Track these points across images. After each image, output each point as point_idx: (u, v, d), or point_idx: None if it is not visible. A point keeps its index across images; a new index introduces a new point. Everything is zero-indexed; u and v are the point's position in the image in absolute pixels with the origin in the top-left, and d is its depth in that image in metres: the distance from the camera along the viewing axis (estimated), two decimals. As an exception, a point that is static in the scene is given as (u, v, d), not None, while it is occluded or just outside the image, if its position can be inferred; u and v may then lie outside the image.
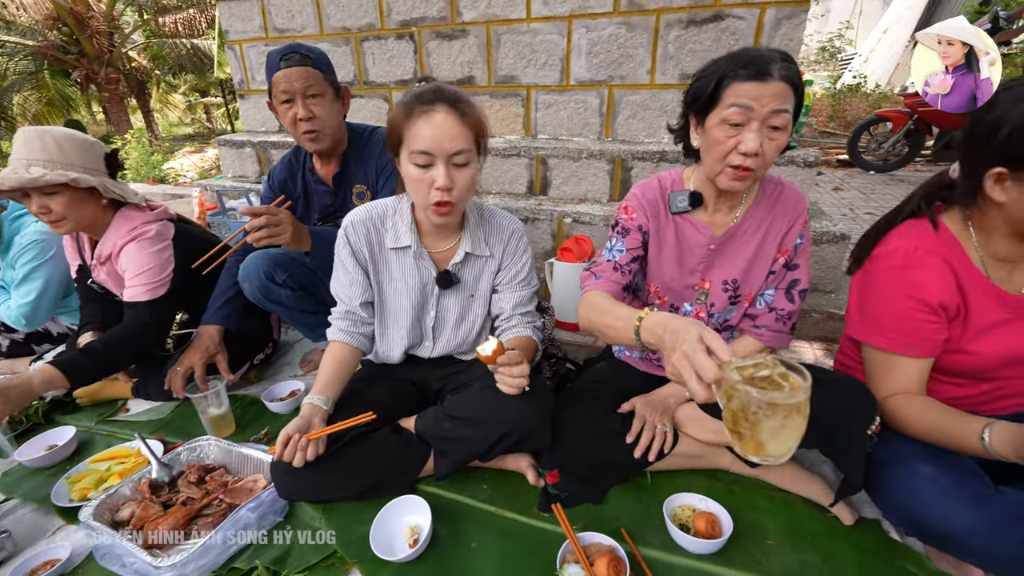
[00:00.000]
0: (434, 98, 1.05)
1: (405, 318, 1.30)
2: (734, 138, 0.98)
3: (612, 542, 1.02)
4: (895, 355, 0.99)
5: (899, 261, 0.99)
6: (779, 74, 0.92)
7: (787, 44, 1.88)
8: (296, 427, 1.12)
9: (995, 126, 0.85)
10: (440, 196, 1.06)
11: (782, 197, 1.16)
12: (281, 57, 1.42)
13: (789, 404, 0.61)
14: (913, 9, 9.47)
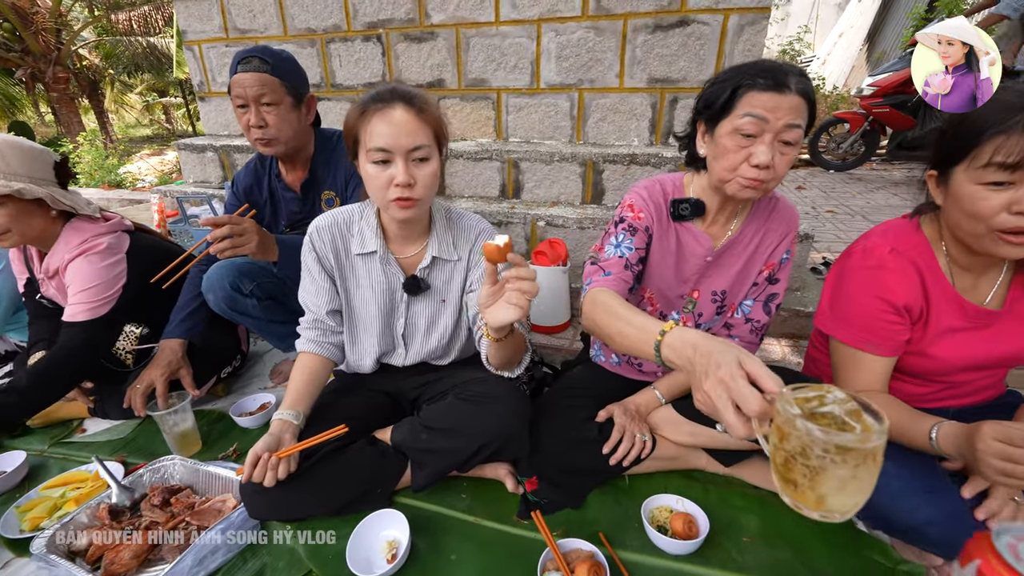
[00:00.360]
0: (390, 96, 1.03)
1: (375, 326, 1.27)
2: (746, 149, 0.95)
3: (591, 547, 1.02)
4: (860, 352, 1.02)
5: (873, 262, 1.01)
6: (796, 87, 0.91)
7: (750, 49, 1.94)
8: (265, 445, 1.08)
9: (936, 129, 0.89)
10: (400, 192, 1.03)
11: (776, 211, 1.16)
12: (239, 60, 1.38)
13: (864, 449, 0.50)
14: (865, 15, 9.91)
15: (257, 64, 1.36)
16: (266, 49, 1.40)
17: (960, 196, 0.89)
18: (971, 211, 0.88)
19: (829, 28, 11.30)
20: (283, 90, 1.39)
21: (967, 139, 0.86)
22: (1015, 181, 0.82)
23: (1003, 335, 1.00)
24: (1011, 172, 0.82)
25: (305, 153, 1.56)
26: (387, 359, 1.36)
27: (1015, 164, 0.80)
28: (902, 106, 4.43)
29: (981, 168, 0.84)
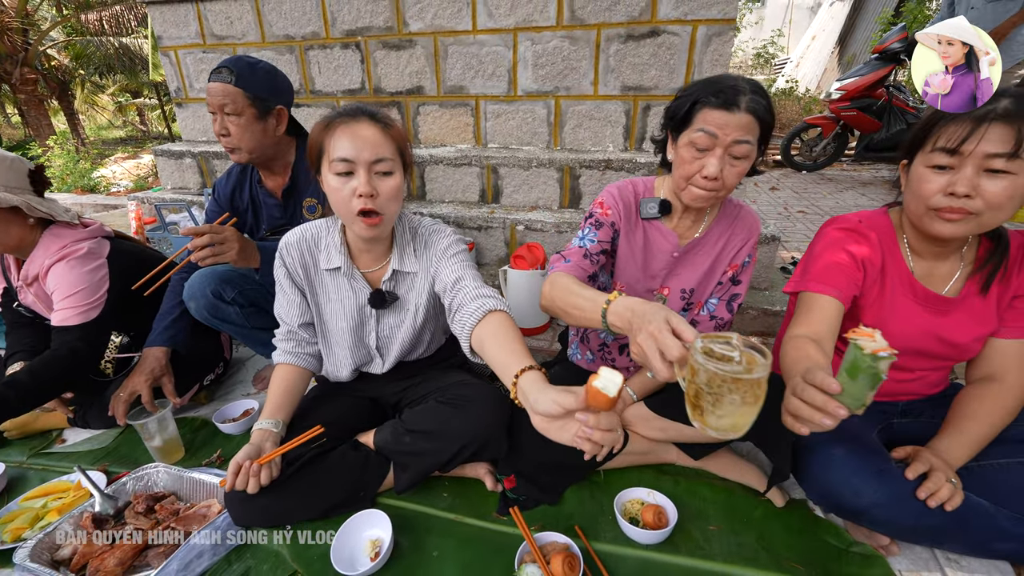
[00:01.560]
0: (355, 111, 1.08)
1: (346, 340, 1.30)
2: (699, 160, 1.04)
3: (567, 540, 1.08)
4: (814, 294, 1.06)
5: (847, 226, 1.12)
6: (746, 106, 0.98)
7: (717, 59, 2.01)
8: (246, 454, 1.11)
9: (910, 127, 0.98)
10: (363, 204, 1.05)
11: (739, 217, 1.25)
12: (213, 70, 1.42)
13: (750, 379, 0.63)
14: (836, 19, 10.20)
15: (225, 75, 1.40)
16: (240, 60, 1.43)
17: (912, 179, 0.99)
18: (917, 191, 0.97)
19: (803, 31, 11.60)
20: (245, 101, 1.41)
21: (928, 127, 0.95)
22: (954, 166, 0.91)
23: (951, 325, 1.08)
24: (951, 156, 0.91)
25: (284, 161, 1.59)
26: (365, 369, 1.38)
27: (953, 149, 0.90)
28: (868, 109, 4.60)
29: (930, 152, 0.94)
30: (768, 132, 1.04)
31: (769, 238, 1.98)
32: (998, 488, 1.02)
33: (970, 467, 1.06)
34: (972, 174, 0.89)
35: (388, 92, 2.47)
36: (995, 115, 0.87)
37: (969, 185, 0.89)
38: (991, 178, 0.89)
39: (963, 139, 0.88)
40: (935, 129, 0.94)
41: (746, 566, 1.07)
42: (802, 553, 1.09)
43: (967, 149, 0.88)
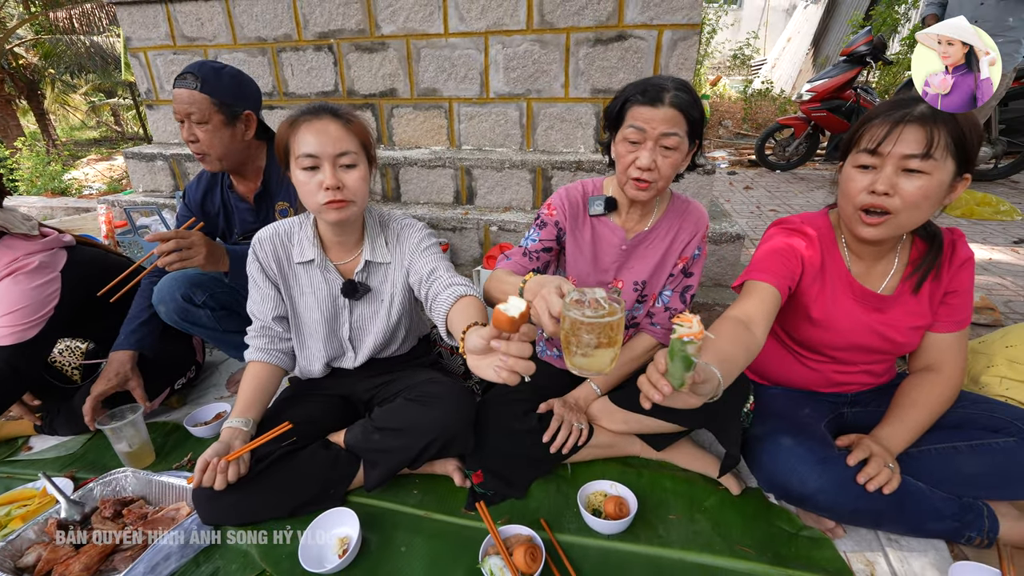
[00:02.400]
0: (318, 110, 1.13)
1: (319, 332, 1.33)
2: (632, 154, 1.12)
3: (530, 531, 1.11)
4: (753, 281, 1.11)
5: (790, 226, 1.19)
6: (670, 101, 1.06)
7: (683, 62, 2.07)
8: (215, 452, 1.13)
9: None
10: (330, 196, 1.10)
11: (687, 212, 1.31)
12: (177, 76, 1.42)
13: (601, 323, 0.72)
14: (810, 21, 10.43)
15: (190, 81, 1.39)
16: (204, 65, 1.43)
17: (842, 179, 1.05)
18: (845, 190, 1.04)
19: (779, 33, 11.84)
20: (212, 108, 1.41)
21: (857, 130, 1.02)
22: (876, 165, 0.97)
23: (889, 321, 1.14)
24: (872, 156, 0.97)
25: (255, 165, 1.59)
26: (338, 363, 1.41)
27: (873, 149, 0.96)
28: (837, 110, 4.73)
29: (856, 153, 1.00)
30: (698, 126, 1.11)
31: (734, 236, 2.04)
32: (934, 472, 1.09)
33: (910, 452, 1.12)
34: (891, 173, 0.95)
35: (362, 94, 2.48)
36: (911, 117, 0.93)
37: (888, 184, 0.95)
38: (908, 178, 0.95)
39: (881, 140, 0.94)
40: (862, 131, 1.00)
41: (701, 552, 1.11)
42: (755, 538, 1.14)
43: (885, 150, 0.94)
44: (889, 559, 1.08)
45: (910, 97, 0.98)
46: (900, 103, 0.98)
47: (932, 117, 0.93)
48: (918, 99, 0.96)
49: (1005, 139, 4.09)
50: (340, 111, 1.14)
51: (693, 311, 1.92)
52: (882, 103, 1.02)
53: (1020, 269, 2.53)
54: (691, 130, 1.11)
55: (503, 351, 0.72)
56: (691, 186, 2.11)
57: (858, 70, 4.65)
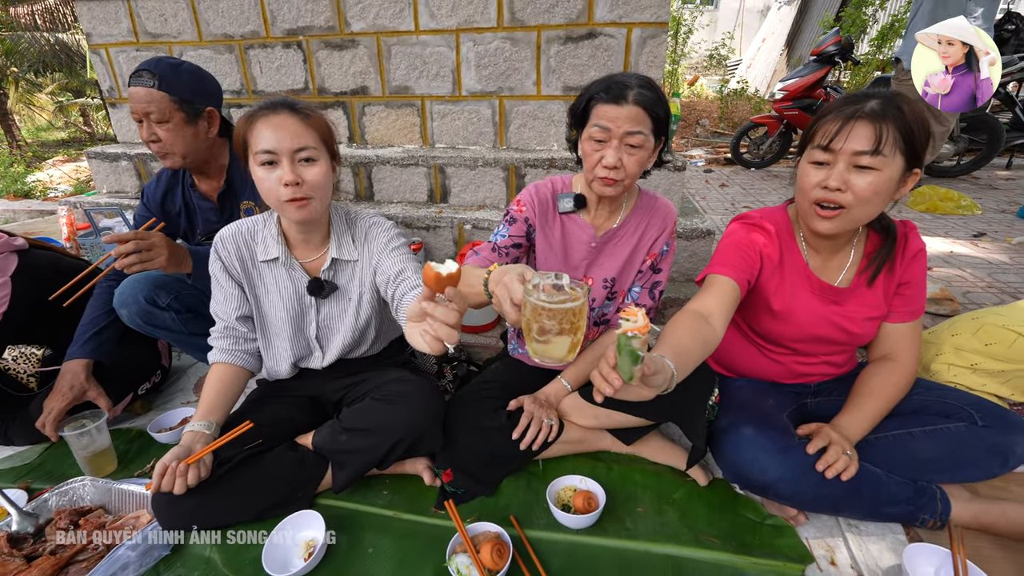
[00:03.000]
0: (275, 105, 1.11)
1: (285, 331, 1.30)
2: (598, 152, 1.12)
3: (498, 528, 1.11)
4: (713, 275, 1.13)
5: (750, 222, 1.21)
6: (633, 100, 1.06)
7: (652, 60, 2.09)
8: (174, 456, 1.09)
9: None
10: (290, 193, 1.08)
11: (655, 208, 1.32)
12: (132, 74, 1.37)
13: (561, 309, 0.71)
14: (784, 22, 10.65)
15: (146, 79, 1.34)
16: (160, 62, 1.38)
17: (798, 175, 1.07)
18: (800, 186, 1.06)
19: (754, 34, 12.05)
20: (172, 106, 1.37)
21: (812, 126, 1.04)
22: (829, 162, 0.99)
23: (845, 313, 1.17)
24: (825, 152, 0.99)
25: (218, 163, 1.55)
26: (305, 363, 1.38)
27: (826, 146, 0.98)
28: (808, 109, 4.83)
29: (810, 149, 1.02)
30: (662, 123, 1.11)
31: (705, 232, 2.07)
32: (891, 457, 1.12)
33: (868, 439, 1.15)
34: (843, 169, 0.98)
35: (333, 92, 2.45)
36: (861, 114, 0.95)
37: (840, 179, 0.97)
38: (859, 174, 0.97)
39: (833, 136, 0.96)
40: (816, 128, 1.02)
41: (668, 543, 1.12)
42: (721, 528, 1.16)
43: (836, 146, 0.97)
44: (849, 544, 1.10)
45: (862, 94, 1.00)
46: (852, 99, 1.00)
47: (881, 114, 0.95)
48: (869, 96, 0.99)
49: (966, 137, 4.23)
50: (298, 105, 1.12)
51: (665, 307, 1.94)
52: (836, 100, 1.05)
53: (979, 261, 2.62)
54: (656, 127, 1.11)
55: (428, 312, 0.70)
56: (662, 182, 2.14)
57: (827, 69, 4.76)
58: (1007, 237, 2.95)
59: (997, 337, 1.27)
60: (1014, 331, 1.24)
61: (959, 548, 0.95)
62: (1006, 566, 1.02)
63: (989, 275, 2.43)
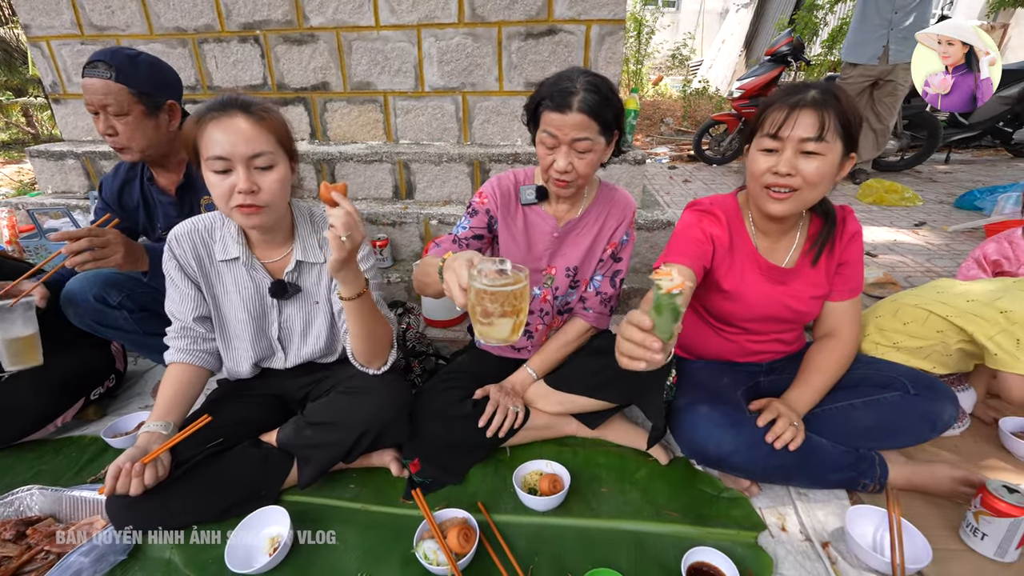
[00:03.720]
0: (224, 105, 1.04)
1: (246, 331, 1.27)
2: (550, 156, 1.15)
3: (465, 514, 1.12)
4: (671, 264, 1.18)
5: (700, 208, 1.26)
6: (578, 107, 1.08)
7: (611, 56, 2.14)
8: (129, 457, 1.05)
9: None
10: (243, 199, 1.03)
11: (615, 199, 1.35)
12: (87, 63, 1.31)
13: (506, 292, 0.76)
14: (742, 25, 11.03)
15: (102, 70, 1.28)
16: (117, 53, 1.33)
17: (748, 162, 1.12)
18: (751, 171, 1.11)
19: (714, 35, 12.42)
20: (131, 98, 1.32)
21: (758, 116, 1.09)
22: (778, 148, 1.05)
23: (792, 293, 1.24)
24: (774, 140, 1.05)
25: (177, 158, 1.51)
26: (267, 364, 1.36)
27: (775, 134, 1.04)
28: (764, 107, 5.02)
29: (760, 137, 1.07)
30: (612, 121, 1.13)
31: (665, 223, 2.14)
32: (835, 427, 1.19)
33: (815, 412, 1.22)
34: (791, 155, 1.03)
35: (293, 88, 2.41)
36: (805, 103, 1.01)
37: (788, 165, 1.03)
38: (806, 159, 1.03)
39: (780, 124, 1.02)
40: (764, 116, 1.07)
41: (630, 519, 1.16)
42: (681, 503, 1.21)
43: (784, 134, 1.02)
44: (798, 510, 1.17)
45: (802, 84, 1.07)
46: (794, 90, 1.06)
47: (822, 102, 1.01)
48: (809, 86, 1.05)
49: (908, 134, 4.49)
50: (252, 106, 1.05)
51: (628, 297, 1.99)
52: (777, 91, 1.11)
53: (919, 248, 2.79)
54: (605, 128, 1.13)
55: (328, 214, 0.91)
56: (623, 175, 2.19)
57: (781, 69, 4.96)
58: (944, 225, 3.15)
59: (913, 316, 1.36)
60: (926, 309, 1.33)
61: (894, 507, 1.02)
62: (936, 520, 1.10)
63: (927, 260, 2.60)
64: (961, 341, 1.28)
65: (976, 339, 1.22)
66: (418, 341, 1.78)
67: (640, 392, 1.21)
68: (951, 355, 1.32)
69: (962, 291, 1.34)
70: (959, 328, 1.26)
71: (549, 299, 1.39)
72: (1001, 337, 1.18)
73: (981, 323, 1.22)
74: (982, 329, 1.21)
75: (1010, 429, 1.32)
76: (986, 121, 4.55)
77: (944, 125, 4.54)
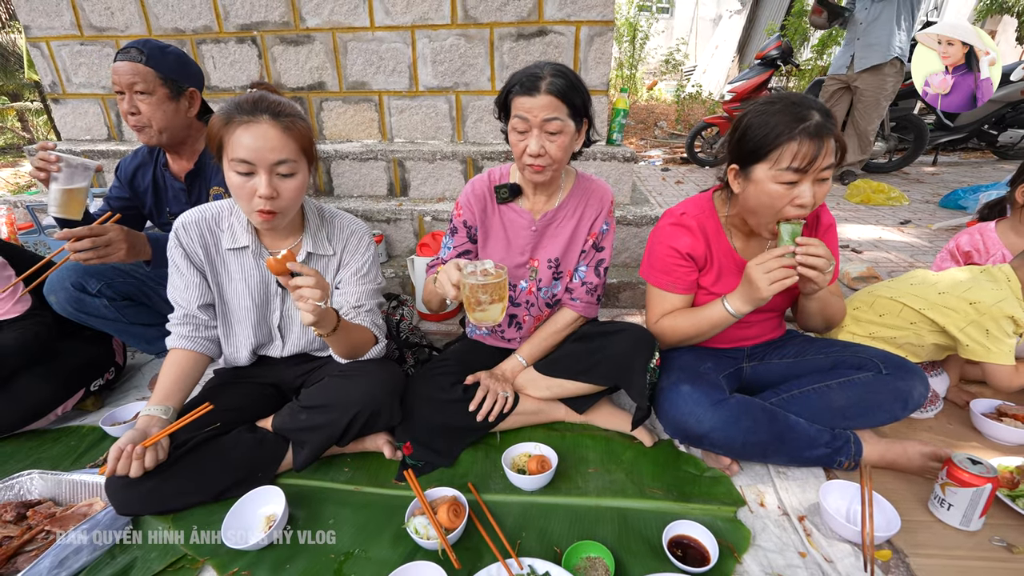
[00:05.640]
0: (254, 108, 1.06)
1: (248, 318, 1.31)
2: (523, 141, 1.19)
3: (455, 492, 1.16)
4: (663, 291, 1.28)
5: (672, 220, 1.28)
6: (546, 89, 1.12)
7: (600, 57, 2.20)
8: (129, 439, 1.08)
9: (734, 131, 1.12)
10: (263, 204, 1.07)
11: (592, 190, 1.39)
12: (119, 51, 1.42)
13: (493, 284, 1.01)
14: (735, 30, 11.18)
15: (134, 54, 1.40)
16: (148, 42, 1.44)
17: (760, 191, 1.09)
18: (769, 204, 1.09)
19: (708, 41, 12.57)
20: (157, 80, 1.41)
21: (766, 143, 1.05)
22: (799, 180, 1.04)
23: None
24: (801, 173, 1.03)
25: (193, 146, 1.58)
26: (264, 351, 1.39)
27: (804, 168, 1.02)
28: (754, 109, 5.10)
29: (780, 170, 1.04)
30: (580, 106, 1.17)
31: (654, 219, 2.19)
32: (812, 407, 1.23)
33: (794, 393, 1.26)
34: (811, 184, 1.04)
35: (289, 88, 2.45)
36: (825, 132, 1.00)
37: (811, 195, 1.04)
38: (819, 184, 1.05)
39: (811, 159, 1.01)
40: (779, 146, 1.03)
41: (614, 497, 1.20)
42: (664, 482, 1.25)
43: (818, 165, 1.01)
44: (776, 488, 1.21)
45: (801, 103, 1.03)
46: (797, 114, 1.02)
47: (828, 128, 1.01)
48: (808, 107, 1.02)
49: (896, 136, 4.57)
50: (282, 111, 1.07)
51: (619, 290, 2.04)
52: (771, 109, 1.05)
53: (903, 245, 2.85)
54: (573, 112, 1.17)
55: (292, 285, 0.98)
56: (613, 172, 2.25)
57: (771, 72, 5.05)
58: (928, 224, 3.22)
59: (887, 308, 1.41)
60: (899, 302, 1.38)
61: (867, 482, 1.07)
62: (906, 495, 1.14)
63: (911, 256, 2.66)
64: (933, 332, 1.33)
65: (947, 330, 1.27)
66: (412, 332, 1.81)
67: (625, 374, 1.25)
68: (924, 346, 1.37)
69: (933, 282, 1.39)
70: (931, 320, 1.31)
71: (535, 291, 1.43)
72: (971, 328, 1.23)
73: (951, 315, 1.26)
74: (952, 320, 1.25)
75: (981, 410, 1.37)
76: (972, 124, 4.64)
77: (931, 128, 4.63)
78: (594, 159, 2.21)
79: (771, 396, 1.28)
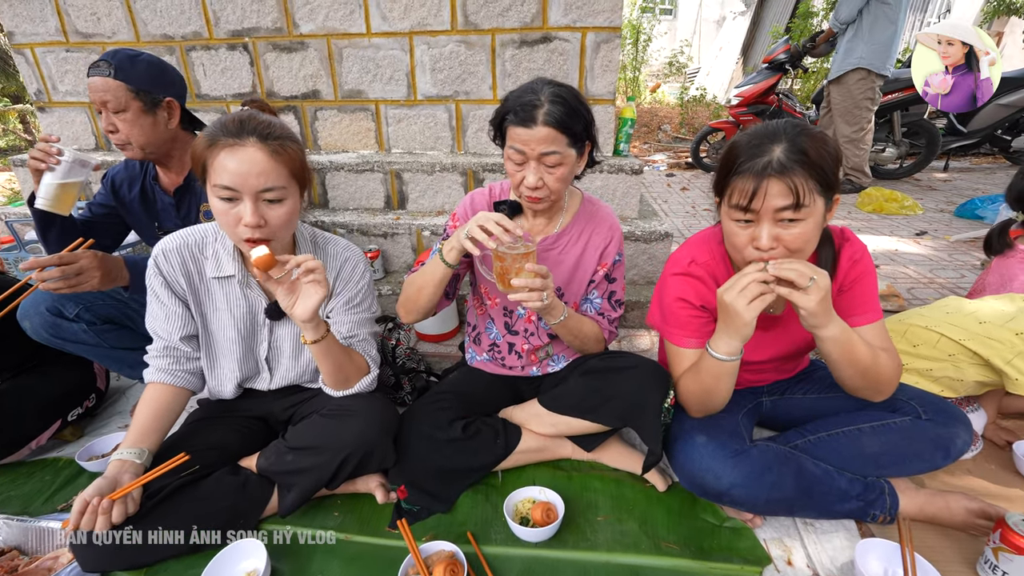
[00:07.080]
0: (240, 130, 0.97)
1: (234, 350, 1.22)
2: (520, 172, 1.10)
3: (452, 547, 1.06)
4: (681, 348, 1.15)
5: (680, 270, 1.15)
6: (543, 120, 1.02)
7: (607, 64, 2.10)
8: (96, 489, 0.99)
9: (719, 161, 1.01)
10: (249, 233, 0.99)
11: (598, 216, 1.29)
12: (91, 65, 1.33)
13: (518, 254, 1.00)
14: (739, 32, 11.08)
15: (103, 68, 1.30)
16: (117, 53, 1.34)
17: (726, 228, 1.00)
18: (731, 242, 1.00)
19: (711, 43, 12.47)
20: (128, 94, 1.32)
21: (723, 177, 0.96)
22: (753, 219, 0.93)
23: (785, 335, 1.17)
24: (745, 212, 0.92)
25: (182, 159, 1.49)
26: (251, 384, 1.30)
27: (745, 206, 0.91)
28: (762, 114, 5.00)
29: (729, 207, 0.95)
30: (582, 132, 1.07)
31: (663, 234, 2.09)
32: (842, 452, 1.12)
33: (821, 437, 1.16)
34: (770, 226, 0.91)
35: (282, 96, 2.36)
36: (772, 171, 0.88)
37: (769, 239, 0.91)
38: (786, 227, 0.91)
39: (751, 197, 0.90)
40: (728, 183, 0.94)
41: (627, 552, 1.10)
42: (680, 533, 1.15)
43: (756, 206, 0.90)
44: (805, 543, 1.11)
45: (767, 134, 0.91)
46: (756, 148, 0.90)
47: (789, 167, 0.87)
48: (774, 139, 0.90)
49: (907, 141, 4.46)
50: (271, 133, 0.99)
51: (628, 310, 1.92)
52: (740, 141, 0.95)
53: (921, 258, 2.74)
54: (574, 140, 1.07)
55: (301, 268, 0.98)
56: (620, 185, 2.15)
57: (779, 76, 4.94)
58: (946, 235, 3.11)
59: (923, 338, 1.30)
60: (936, 332, 1.28)
61: (907, 542, 0.96)
62: (949, 555, 1.04)
63: (931, 271, 2.55)
64: (975, 365, 1.23)
65: (992, 363, 1.17)
66: (408, 357, 1.72)
67: (637, 416, 1.15)
68: (963, 380, 1.26)
69: (971, 311, 1.28)
70: (972, 352, 1.21)
71: (534, 319, 1.34)
72: (1019, 360, 1.12)
73: (996, 346, 1.16)
74: (997, 352, 1.15)
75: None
76: (984, 129, 4.53)
77: (942, 133, 4.52)
78: (600, 172, 2.11)
79: (795, 438, 1.18)
